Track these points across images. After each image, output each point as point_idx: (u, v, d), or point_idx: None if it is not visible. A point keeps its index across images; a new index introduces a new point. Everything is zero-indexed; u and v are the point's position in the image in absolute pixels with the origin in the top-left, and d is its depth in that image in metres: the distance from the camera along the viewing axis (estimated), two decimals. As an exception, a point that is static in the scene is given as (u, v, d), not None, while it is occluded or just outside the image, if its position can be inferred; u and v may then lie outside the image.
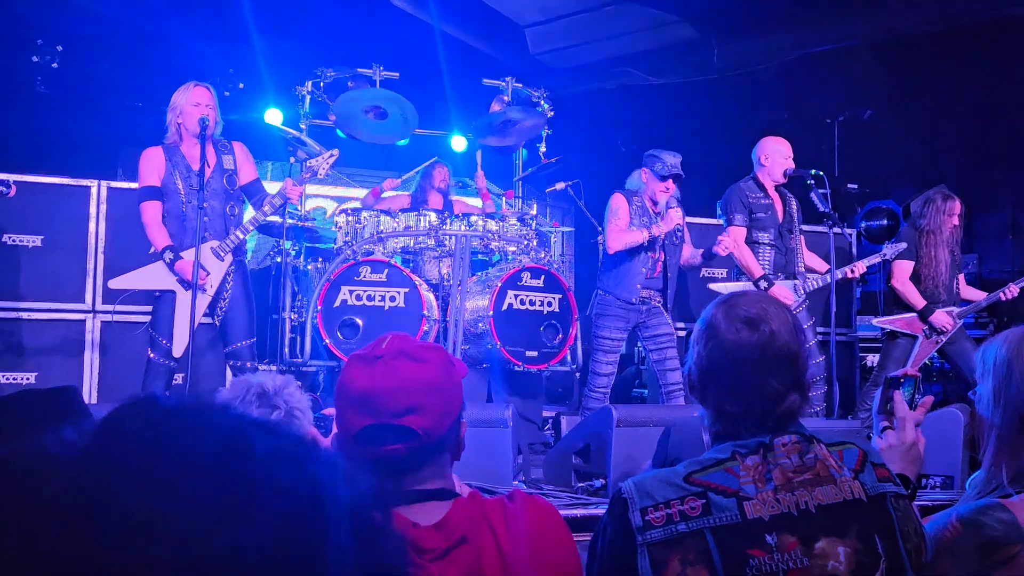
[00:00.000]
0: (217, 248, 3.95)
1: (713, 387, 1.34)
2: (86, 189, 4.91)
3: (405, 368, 1.25)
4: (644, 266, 4.57)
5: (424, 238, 4.68)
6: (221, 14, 6.38)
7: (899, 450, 1.54)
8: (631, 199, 4.59)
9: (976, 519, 1.41)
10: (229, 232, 4.00)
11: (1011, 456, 1.47)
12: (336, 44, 6.10)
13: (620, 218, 4.54)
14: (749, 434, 1.31)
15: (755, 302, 1.36)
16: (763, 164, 4.88)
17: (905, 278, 5.15)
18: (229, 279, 4.01)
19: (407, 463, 1.25)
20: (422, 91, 5.56)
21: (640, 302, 4.59)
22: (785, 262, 4.89)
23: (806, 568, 1.22)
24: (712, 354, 1.33)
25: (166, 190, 3.97)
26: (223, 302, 4.01)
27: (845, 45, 6.72)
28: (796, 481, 1.27)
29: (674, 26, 6.77)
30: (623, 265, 4.56)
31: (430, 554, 1.20)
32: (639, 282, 4.56)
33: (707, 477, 1.28)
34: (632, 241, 4.49)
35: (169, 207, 3.96)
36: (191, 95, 3.98)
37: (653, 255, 4.58)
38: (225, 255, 3.96)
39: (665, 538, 1.23)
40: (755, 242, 4.81)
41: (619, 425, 3.54)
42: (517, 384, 4.80)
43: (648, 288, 4.60)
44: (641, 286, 4.57)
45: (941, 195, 5.17)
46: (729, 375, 1.32)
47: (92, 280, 4.83)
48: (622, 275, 4.57)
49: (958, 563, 1.41)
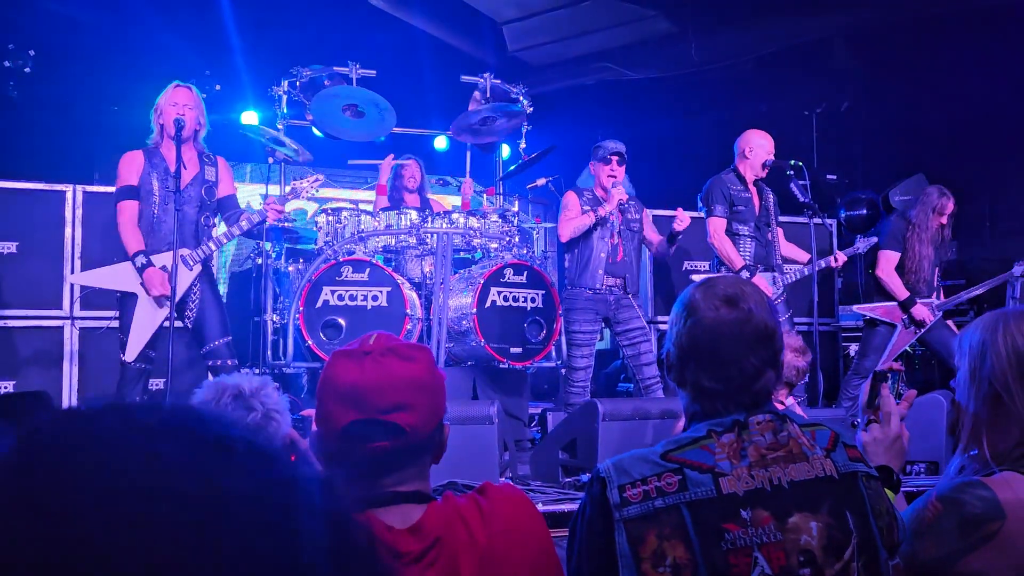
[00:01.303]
0: (187, 256, 3.92)
1: (692, 365, 1.36)
2: (61, 194, 4.84)
3: (394, 365, 1.24)
4: (603, 251, 4.69)
5: (405, 236, 4.66)
6: (197, 15, 6.32)
7: (883, 443, 1.56)
8: (581, 193, 4.78)
9: (955, 497, 1.43)
10: (200, 241, 3.98)
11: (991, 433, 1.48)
12: (313, 44, 6.06)
13: (570, 210, 4.73)
14: (726, 412, 1.34)
15: (732, 283, 1.40)
16: (746, 157, 4.92)
17: (891, 268, 5.18)
18: (196, 284, 3.98)
19: (390, 462, 1.25)
20: (400, 89, 5.53)
21: (607, 291, 4.68)
22: (765, 254, 4.94)
23: (779, 542, 1.24)
24: (692, 332, 1.36)
25: (141, 191, 3.93)
26: (192, 304, 3.98)
27: (821, 37, 6.76)
28: (770, 458, 1.30)
29: (652, 20, 6.78)
30: (583, 255, 4.71)
31: (406, 558, 1.20)
32: (601, 267, 4.68)
33: (683, 454, 1.30)
34: (580, 225, 4.66)
35: (141, 208, 3.93)
36: (171, 95, 3.96)
37: (612, 240, 4.70)
38: (194, 265, 3.94)
39: (642, 514, 1.25)
40: (735, 234, 4.85)
41: (605, 419, 3.54)
42: (502, 381, 4.79)
43: (612, 275, 4.72)
44: (604, 271, 4.69)
45: (937, 191, 5.21)
46: (708, 352, 1.35)
47: (69, 287, 4.77)
48: (584, 264, 4.70)
49: (940, 542, 1.42)
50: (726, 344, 1.33)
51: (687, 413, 1.41)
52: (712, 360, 1.34)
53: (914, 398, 1.66)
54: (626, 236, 4.77)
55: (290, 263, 4.91)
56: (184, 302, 3.95)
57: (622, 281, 4.76)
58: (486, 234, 4.75)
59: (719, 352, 1.34)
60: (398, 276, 4.57)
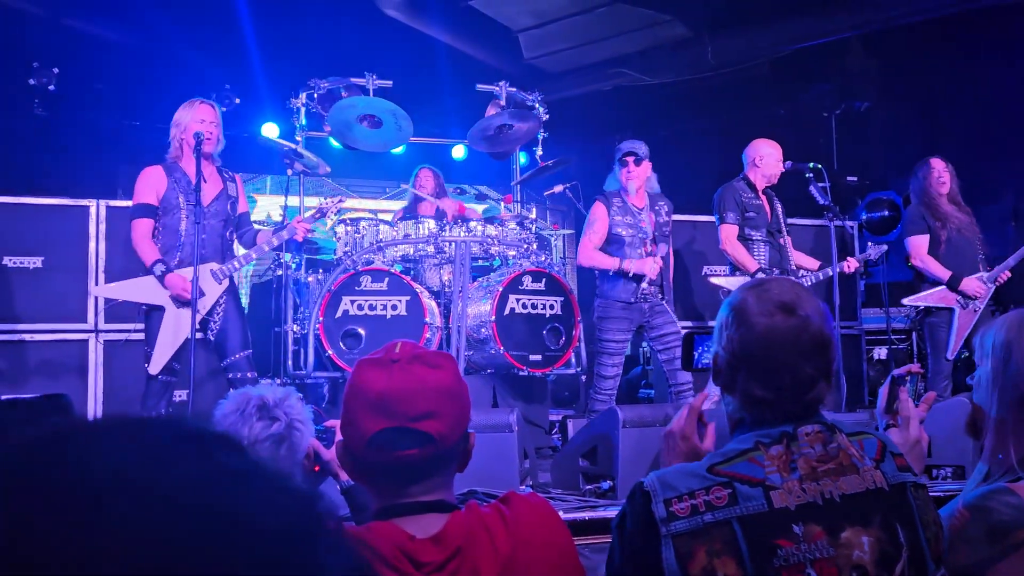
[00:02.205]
0: (217, 271, 3.96)
1: (743, 372, 1.32)
2: (85, 209, 4.92)
3: (422, 372, 1.24)
4: None
5: (424, 245, 4.67)
6: (218, 30, 6.39)
7: (903, 447, 1.53)
8: (611, 202, 4.64)
9: (983, 505, 1.40)
10: (225, 255, 4.03)
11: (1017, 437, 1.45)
12: (330, 56, 6.11)
13: (596, 231, 4.59)
14: (775, 421, 1.30)
15: (788, 288, 1.35)
16: (756, 165, 4.92)
17: (923, 253, 5.04)
18: (222, 297, 4.01)
19: (418, 470, 1.24)
20: (417, 99, 5.56)
21: (641, 299, 4.58)
22: (779, 258, 4.93)
23: (832, 557, 1.21)
24: (744, 338, 1.31)
25: (167, 206, 3.96)
26: (216, 317, 4.01)
27: (838, 38, 6.71)
28: (820, 470, 1.26)
29: (667, 25, 6.76)
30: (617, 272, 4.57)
31: (427, 567, 1.19)
32: (635, 281, 4.56)
33: (732, 468, 1.26)
34: (600, 264, 4.56)
35: (167, 221, 3.96)
36: (196, 111, 3.99)
37: (645, 249, 4.60)
38: (223, 279, 3.98)
39: (690, 529, 1.22)
40: (748, 239, 4.84)
41: (625, 426, 3.52)
42: (522, 389, 4.79)
43: (648, 284, 4.59)
44: (639, 285, 4.56)
45: (931, 158, 5.15)
46: (761, 360, 1.30)
47: (93, 300, 4.83)
48: (616, 278, 4.58)
49: (970, 551, 1.40)
50: (780, 352, 1.29)
51: (732, 419, 1.37)
52: (765, 369, 1.30)
53: (933, 400, 1.63)
54: (659, 240, 4.68)
55: (310, 274, 4.94)
56: (208, 315, 3.98)
57: (656, 288, 4.65)
58: (504, 242, 4.76)
59: (773, 360, 1.29)
60: (417, 285, 4.58)
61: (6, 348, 4.64)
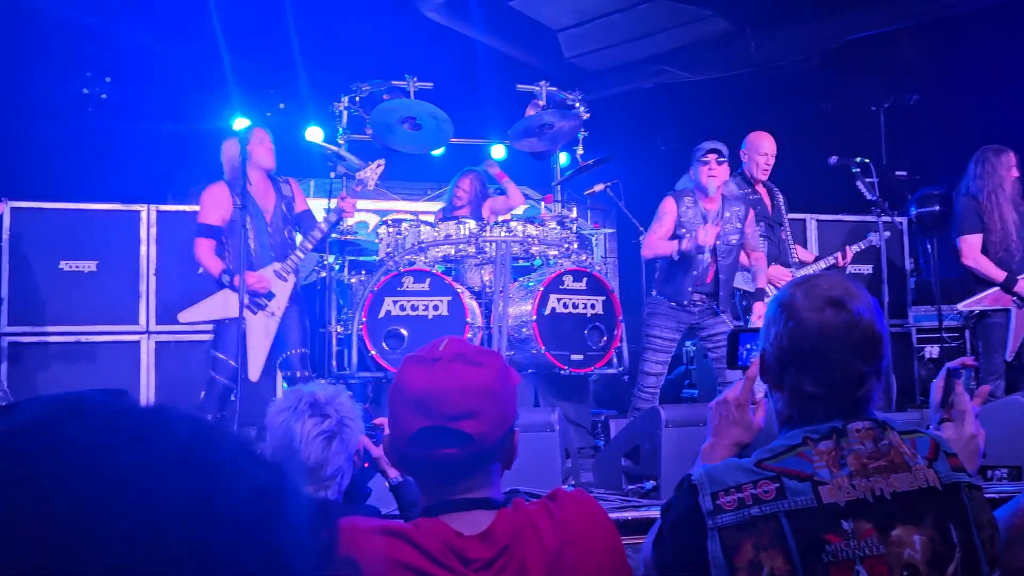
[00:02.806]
0: (280, 270, 4.17)
1: (792, 369, 1.31)
2: (136, 214, 5.05)
3: (463, 371, 1.24)
4: (695, 270, 4.47)
5: (464, 246, 4.70)
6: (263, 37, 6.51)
7: (957, 444, 1.49)
8: (681, 200, 4.49)
9: None
10: (288, 253, 4.23)
11: None
12: (371, 59, 6.18)
13: (662, 224, 4.49)
14: (825, 417, 1.29)
15: (837, 282, 1.34)
16: (752, 159, 4.92)
17: (976, 253, 4.85)
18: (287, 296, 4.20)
19: (459, 468, 1.25)
20: (457, 100, 5.59)
21: (691, 304, 4.53)
22: (779, 252, 4.90)
23: (882, 555, 1.19)
24: (793, 334, 1.30)
25: (232, 227, 4.16)
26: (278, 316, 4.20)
27: (887, 29, 6.56)
28: (871, 467, 1.25)
29: (709, 20, 6.68)
30: (674, 268, 4.50)
31: (475, 564, 1.20)
32: (689, 285, 4.48)
33: (780, 463, 1.26)
34: (662, 251, 4.47)
35: (236, 244, 4.14)
36: (254, 134, 4.26)
37: (703, 258, 4.47)
38: (288, 276, 4.19)
39: (737, 522, 1.21)
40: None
41: (668, 425, 3.50)
42: (563, 388, 4.78)
43: (699, 292, 4.52)
44: (692, 290, 4.50)
45: (991, 150, 4.91)
46: (812, 356, 1.29)
47: (145, 302, 4.96)
48: (672, 278, 4.53)
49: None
50: (831, 348, 1.28)
51: (780, 416, 1.36)
52: (815, 364, 1.29)
53: (987, 394, 1.58)
54: (721, 253, 4.48)
55: (352, 275, 5.00)
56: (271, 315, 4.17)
57: (711, 300, 4.54)
58: (545, 241, 4.76)
59: (823, 356, 1.28)
60: (458, 285, 4.61)
61: (62, 349, 4.79)
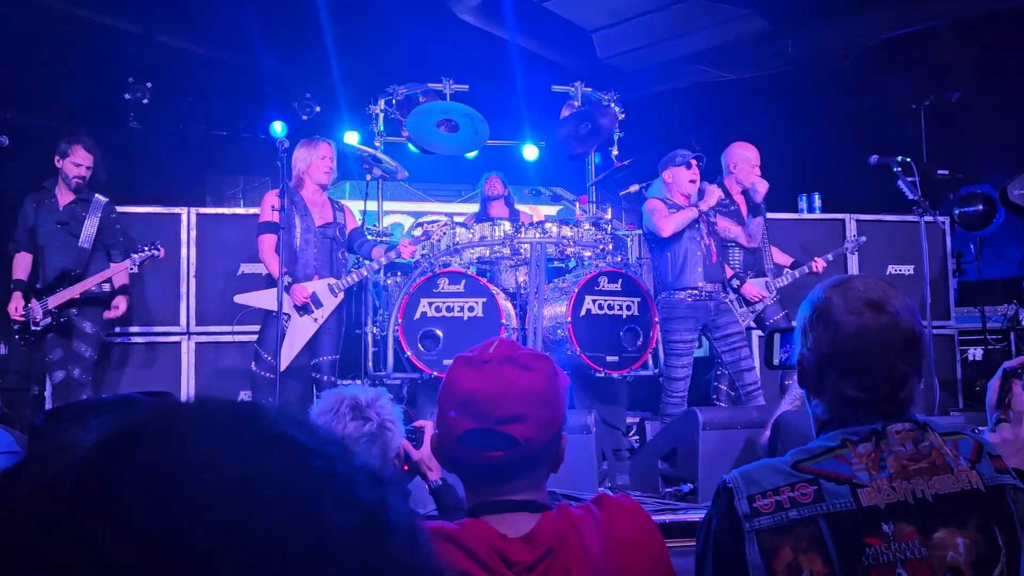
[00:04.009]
0: (333, 285, 4.37)
1: (833, 373, 1.29)
2: (177, 216, 5.13)
3: (512, 375, 1.23)
4: (698, 251, 4.56)
5: (499, 247, 4.70)
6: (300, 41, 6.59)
7: (1015, 444, 1.45)
8: (665, 200, 4.65)
9: None
10: (339, 273, 4.44)
11: None
12: (406, 62, 6.22)
13: (659, 210, 4.59)
14: (867, 420, 1.27)
15: (872, 285, 1.31)
16: (731, 171, 4.93)
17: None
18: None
19: (505, 471, 1.24)
20: (492, 102, 5.61)
21: (707, 296, 4.53)
22: (754, 260, 4.94)
23: (924, 558, 1.18)
24: (833, 338, 1.28)
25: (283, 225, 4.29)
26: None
27: (928, 26, 6.44)
28: (912, 469, 1.23)
29: (745, 19, 6.61)
30: (677, 257, 4.57)
31: (518, 566, 1.19)
32: (700, 266, 4.54)
33: (817, 465, 1.24)
34: (683, 219, 4.52)
35: (286, 240, 4.28)
36: (318, 149, 4.43)
37: (704, 241, 4.59)
38: (339, 292, 4.37)
39: (775, 525, 1.20)
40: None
41: (706, 428, 3.47)
42: (599, 390, 4.76)
43: (710, 280, 4.57)
44: (703, 274, 4.53)
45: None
46: (854, 360, 1.27)
47: (185, 303, 5.04)
48: (680, 267, 4.57)
49: None
50: (873, 351, 1.26)
51: (819, 421, 1.34)
52: (857, 368, 1.27)
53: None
54: (715, 238, 4.69)
55: (389, 276, 5.04)
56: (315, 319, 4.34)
57: (720, 285, 4.64)
58: (579, 243, 4.74)
59: (865, 359, 1.26)
60: (493, 287, 4.61)
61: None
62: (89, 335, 4.34)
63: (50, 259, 4.35)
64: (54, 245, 4.37)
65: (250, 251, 5.11)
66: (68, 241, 4.36)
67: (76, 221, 4.38)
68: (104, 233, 4.44)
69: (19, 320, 4.27)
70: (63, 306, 4.29)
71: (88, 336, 4.34)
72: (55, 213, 4.39)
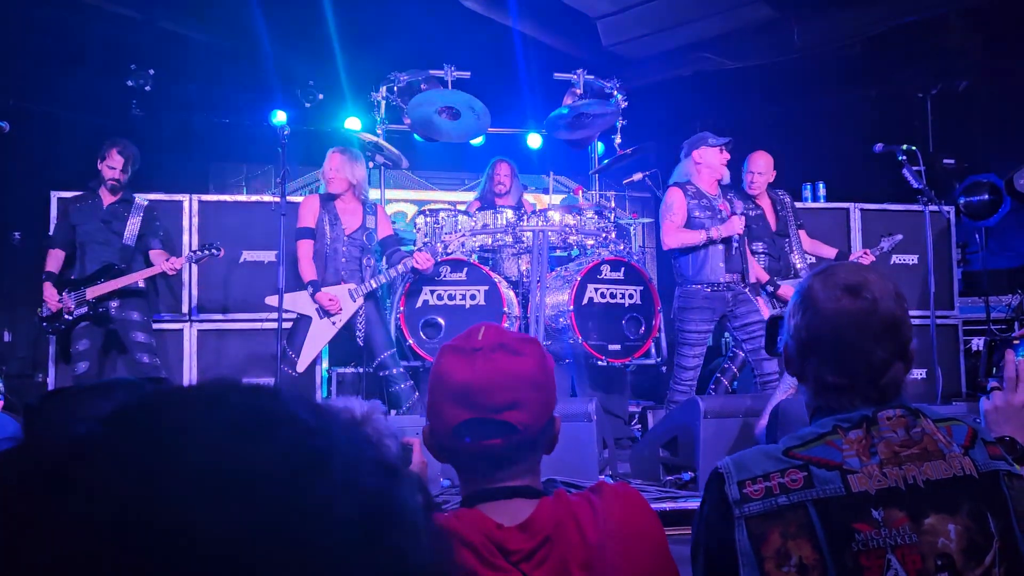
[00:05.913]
0: (353, 291, 4.40)
1: (814, 359, 1.29)
2: (179, 203, 5.13)
3: (504, 361, 1.22)
4: (720, 244, 4.44)
5: (502, 235, 4.69)
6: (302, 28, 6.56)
7: (1006, 411, 1.44)
8: (685, 190, 4.49)
9: None
10: (364, 278, 4.45)
11: None
12: (409, 49, 6.19)
13: (675, 214, 4.44)
14: (852, 407, 1.27)
15: (854, 270, 1.32)
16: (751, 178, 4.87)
17: None
18: (362, 308, 4.41)
19: (502, 458, 1.24)
20: (494, 89, 5.58)
21: (725, 287, 4.45)
22: (780, 267, 4.85)
23: (915, 544, 1.17)
24: (811, 324, 1.29)
25: (316, 232, 4.44)
26: (360, 324, 4.42)
27: (935, 14, 6.38)
28: (903, 455, 1.23)
29: (749, 7, 6.56)
30: (699, 255, 4.44)
31: (515, 555, 1.18)
32: (721, 260, 4.42)
33: (808, 451, 1.24)
34: (688, 241, 4.39)
35: (317, 247, 4.42)
36: (328, 159, 4.49)
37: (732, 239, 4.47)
38: (358, 297, 4.40)
39: (764, 511, 1.20)
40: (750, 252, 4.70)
41: (706, 416, 3.46)
42: (601, 379, 4.76)
43: (730, 270, 4.45)
44: (723, 263, 4.43)
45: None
46: (831, 345, 1.28)
47: (187, 291, 5.05)
48: (702, 260, 4.44)
49: None
50: (849, 336, 1.26)
51: (809, 408, 1.34)
52: (835, 354, 1.27)
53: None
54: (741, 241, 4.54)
55: (391, 265, 5.03)
56: (352, 323, 4.41)
57: (739, 276, 4.50)
58: (582, 231, 4.73)
59: (842, 345, 1.27)
60: (495, 275, 4.61)
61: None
62: (138, 322, 4.55)
63: (92, 254, 4.54)
64: (96, 241, 4.55)
65: (252, 238, 5.11)
66: (111, 238, 4.57)
67: (119, 220, 4.59)
68: (147, 231, 4.63)
69: (54, 308, 4.40)
70: (102, 297, 4.45)
71: (138, 323, 4.55)
72: (99, 212, 4.60)
